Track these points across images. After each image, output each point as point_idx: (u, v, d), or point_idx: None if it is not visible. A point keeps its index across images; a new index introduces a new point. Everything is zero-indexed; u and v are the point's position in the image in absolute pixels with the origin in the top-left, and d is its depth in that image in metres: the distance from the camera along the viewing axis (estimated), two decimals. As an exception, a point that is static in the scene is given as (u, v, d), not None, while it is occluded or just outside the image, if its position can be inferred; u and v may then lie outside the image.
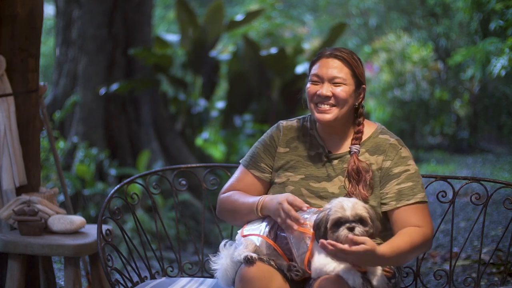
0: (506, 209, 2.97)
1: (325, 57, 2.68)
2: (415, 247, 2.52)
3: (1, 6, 3.58)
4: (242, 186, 2.79)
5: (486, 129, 12.37)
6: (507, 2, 6.23)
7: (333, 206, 2.46)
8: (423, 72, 12.08)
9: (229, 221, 2.82)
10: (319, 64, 2.69)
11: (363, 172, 2.64)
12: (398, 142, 2.72)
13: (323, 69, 2.67)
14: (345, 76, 2.65)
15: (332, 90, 2.64)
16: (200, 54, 8.71)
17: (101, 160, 7.11)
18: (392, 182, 2.64)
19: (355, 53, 2.76)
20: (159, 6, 14.37)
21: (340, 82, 2.65)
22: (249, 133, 8.89)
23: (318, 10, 15.64)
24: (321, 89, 2.65)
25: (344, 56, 2.67)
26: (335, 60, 2.66)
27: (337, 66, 2.66)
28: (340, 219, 2.42)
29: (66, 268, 3.40)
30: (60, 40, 8.01)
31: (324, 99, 2.65)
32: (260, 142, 2.83)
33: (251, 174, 2.79)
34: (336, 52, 2.68)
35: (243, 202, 2.70)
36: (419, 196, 2.62)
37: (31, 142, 3.70)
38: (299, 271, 2.53)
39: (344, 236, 2.40)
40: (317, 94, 2.66)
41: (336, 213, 2.43)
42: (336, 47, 2.77)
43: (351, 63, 2.67)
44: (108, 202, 2.98)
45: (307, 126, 2.81)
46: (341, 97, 2.64)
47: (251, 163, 2.80)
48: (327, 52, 2.70)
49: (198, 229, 6.76)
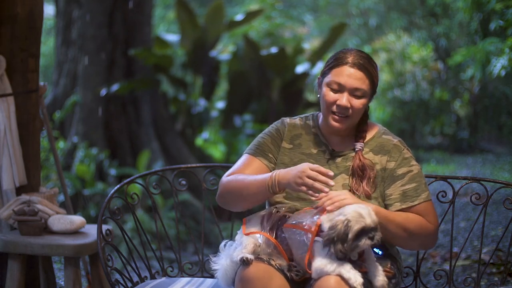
0: (506, 209, 2.97)
1: (349, 66, 2.61)
2: (409, 226, 2.56)
3: (1, 6, 3.58)
4: (249, 171, 2.69)
5: (486, 129, 12.37)
6: (507, 2, 6.23)
7: (351, 216, 2.38)
8: (423, 72, 12.09)
9: (232, 204, 2.70)
10: (341, 71, 2.62)
11: (368, 169, 2.65)
12: (400, 143, 2.73)
13: (346, 78, 2.60)
14: (366, 89, 2.62)
15: (350, 102, 2.61)
16: (200, 54, 8.71)
17: (101, 160, 7.11)
18: (397, 184, 2.65)
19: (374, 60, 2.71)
20: (159, 6, 14.37)
21: (361, 95, 2.62)
22: (249, 133, 8.88)
23: (318, 10, 15.64)
24: (341, 100, 2.61)
25: (367, 66, 2.61)
26: (360, 72, 2.61)
27: (360, 78, 2.60)
28: (364, 229, 2.37)
29: (66, 268, 3.40)
30: (60, 40, 8.01)
31: (343, 109, 2.62)
32: (266, 134, 2.79)
33: (259, 160, 2.73)
34: (360, 61, 2.61)
35: (252, 179, 2.58)
36: (422, 196, 2.64)
37: (31, 142, 3.70)
38: (299, 271, 2.53)
39: (366, 246, 2.39)
40: (336, 104, 2.62)
41: (359, 223, 2.37)
42: (355, 51, 2.66)
43: (372, 73, 2.63)
44: (108, 202, 2.98)
45: (310, 125, 2.80)
46: (358, 110, 2.63)
47: (258, 152, 2.74)
48: (349, 59, 2.62)
49: (198, 229, 6.75)
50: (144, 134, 7.78)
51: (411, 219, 2.60)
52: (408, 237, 2.59)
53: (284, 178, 2.51)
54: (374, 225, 2.39)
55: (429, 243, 2.64)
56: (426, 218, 2.62)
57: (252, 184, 2.59)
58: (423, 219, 2.61)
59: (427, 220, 2.62)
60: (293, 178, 2.48)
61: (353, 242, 2.37)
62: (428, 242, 2.64)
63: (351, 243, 2.37)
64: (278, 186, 2.53)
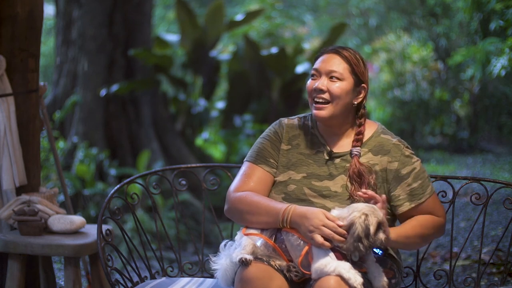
0: (506, 209, 2.97)
1: (327, 53, 2.70)
2: (425, 232, 2.62)
3: (1, 6, 3.58)
4: (254, 181, 2.70)
5: (486, 129, 12.36)
6: (507, 2, 6.23)
7: (366, 211, 2.40)
8: (423, 72, 12.08)
9: (239, 222, 2.70)
10: (320, 59, 2.71)
11: (365, 175, 2.65)
12: (399, 141, 2.73)
13: (322, 63, 2.69)
14: (343, 71, 2.66)
15: (327, 85, 2.65)
16: (200, 54, 8.71)
17: (101, 160, 7.11)
18: (403, 184, 2.67)
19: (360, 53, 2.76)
20: (159, 6, 14.36)
21: (337, 77, 2.65)
22: (249, 133, 8.88)
23: (318, 10, 15.64)
24: (317, 83, 2.66)
25: (345, 53, 2.68)
26: (335, 56, 2.68)
27: (335, 61, 2.67)
28: (380, 222, 2.41)
29: (66, 268, 3.40)
30: (60, 40, 8.01)
31: (319, 92, 2.65)
32: (264, 138, 2.79)
33: (261, 168, 2.73)
34: (338, 49, 2.70)
35: (265, 207, 2.58)
36: (428, 191, 2.68)
37: (31, 142, 3.70)
38: (298, 272, 2.53)
39: (382, 240, 2.41)
40: (313, 88, 2.67)
41: (376, 216, 2.40)
42: (341, 45, 2.79)
43: (351, 60, 2.68)
44: (108, 202, 2.98)
45: (308, 125, 2.80)
46: (335, 93, 2.64)
47: (259, 159, 2.74)
48: (329, 48, 2.73)
49: (198, 229, 6.75)
50: (144, 134, 7.78)
51: (425, 225, 2.64)
52: (426, 241, 2.70)
53: (296, 221, 2.50)
54: (382, 219, 2.43)
55: (441, 234, 2.72)
56: (434, 213, 2.68)
57: (264, 212, 2.57)
58: (433, 218, 2.67)
59: (436, 214, 2.68)
60: (306, 226, 2.46)
61: (375, 236, 2.39)
62: (440, 235, 2.71)
63: (373, 237, 2.38)
64: (290, 224, 2.53)
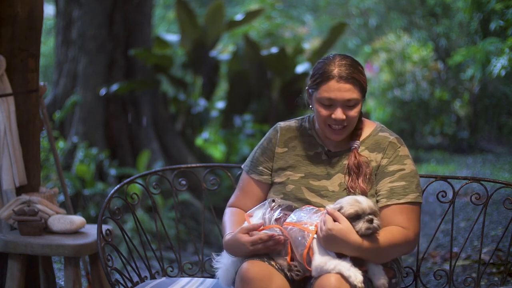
0: (506, 209, 2.97)
1: (335, 80, 2.60)
2: (394, 246, 2.51)
3: (1, 6, 3.58)
4: (246, 194, 2.82)
5: (486, 129, 12.36)
6: (507, 2, 6.24)
7: (345, 202, 2.46)
8: (423, 72, 12.07)
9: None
10: (329, 87, 2.60)
11: (363, 165, 2.66)
12: (397, 140, 2.73)
13: (335, 93, 2.60)
14: (357, 96, 2.62)
15: (345, 113, 2.62)
16: (200, 54, 8.71)
17: (101, 160, 7.10)
18: (386, 180, 2.65)
19: (353, 57, 2.71)
20: (159, 6, 14.37)
21: (353, 104, 2.63)
22: (249, 133, 8.88)
23: (318, 10, 15.65)
24: (336, 114, 2.62)
25: (354, 75, 2.60)
26: (346, 84, 2.60)
27: (349, 89, 2.60)
28: (357, 213, 2.43)
29: (66, 268, 3.40)
30: (60, 40, 8.01)
31: (339, 122, 2.64)
32: (258, 146, 2.86)
33: (252, 179, 2.82)
34: (346, 71, 2.60)
35: (225, 226, 2.76)
36: (410, 196, 2.62)
37: (31, 142, 3.70)
38: (299, 271, 2.53)
39: (364, 229, 2.42)
40: (332, 118, 2.63)
41: (352, 207, 2.44)
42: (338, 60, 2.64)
43: (360, 79, 2.63)
44: (108, 202, 2.98)
45: (306, 127, 2.82)
46: (354, 118, 2.65)
47: (251, 168, 2.83)
48: (334, 71, 2.60)
49: (198, 229, 6.75)
50: (144, 134, 7.78)
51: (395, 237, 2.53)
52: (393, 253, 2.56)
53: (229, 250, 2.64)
54: (370, 210, 2.44)
55: (409, 250, 2.62)
56: (406, 221, 2.57)
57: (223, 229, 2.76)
58: (403, 230, 2.55)
59: (408, 225, 2.57)
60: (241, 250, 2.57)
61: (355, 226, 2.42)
62: (408, 250, 2.61)
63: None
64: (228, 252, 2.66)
